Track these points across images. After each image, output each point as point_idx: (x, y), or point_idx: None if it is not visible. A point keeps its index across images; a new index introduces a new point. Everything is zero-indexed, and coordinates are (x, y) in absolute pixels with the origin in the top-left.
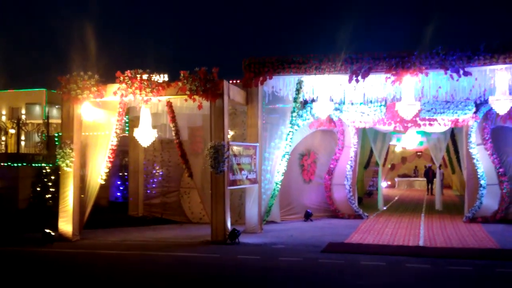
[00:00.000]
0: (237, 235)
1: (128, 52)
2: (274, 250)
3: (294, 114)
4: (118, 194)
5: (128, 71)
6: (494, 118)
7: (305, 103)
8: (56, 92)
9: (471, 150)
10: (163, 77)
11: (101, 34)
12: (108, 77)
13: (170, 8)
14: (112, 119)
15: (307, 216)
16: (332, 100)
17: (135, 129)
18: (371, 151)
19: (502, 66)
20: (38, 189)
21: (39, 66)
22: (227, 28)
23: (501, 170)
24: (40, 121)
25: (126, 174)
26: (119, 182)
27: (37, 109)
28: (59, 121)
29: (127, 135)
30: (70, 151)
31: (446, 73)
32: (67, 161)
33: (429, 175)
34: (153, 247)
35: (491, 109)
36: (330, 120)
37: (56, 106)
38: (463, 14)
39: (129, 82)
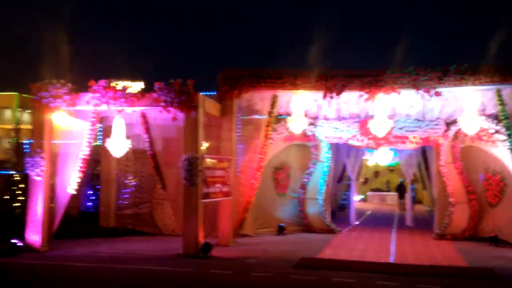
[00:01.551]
0: (210, 249)
1: (104, 60)
2: (246, 265)
3: (269, 128)
4: (89, 204)
5: (102, 80)
6: (463, 137)
7: (280, 117)
8: (27, 97)
9: (441, 168)
10: (139, 85)
11: (77, 41)
12: (82, 85)
13: (148, 17)
14: (85, 128)
15: (280, 230)
16: (307, 115)
17: (108, 139)
18: (345, 165)
19: (472, 88)
20: (6, 197)
21: (11, 70)
22: (204, 39)
23: (470, 188)
24: (11, 126)
25: (98, 183)
26: (90, 192)
27: (8, 113)
28: (30, 126)
29: (99, 144)
30: (40, 159)
31: (417, 93)
32: (37, 170)
33: (401, 190)
34: (123, 260)
35: (461, 128)
36: (304, 134)
37: (28, 111)
38: (436, 34)
39: (103, 91)
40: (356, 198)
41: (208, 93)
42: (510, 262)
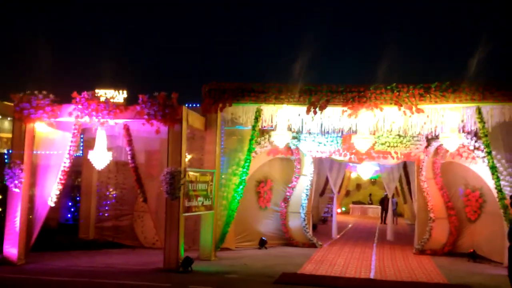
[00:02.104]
0: (190, 263)
1: (88, 68)
2: (227, 280)
3: (253, 142)
4: (69, 215)
5: (85, 92)
6: (444, 153)
7: (263, 131)
8: (7, 104)
9: (422, 184)
10: (122, 94)
11: (60, 50)
12: (64, 96)
13: (133, 27)
14: (66, 139)
15: (262, 244)
16: (291, 129)
17: (90, 151)
18: (327, 178)
19: (453, 106)
20: None
21: None
22: (188, 51)
23: (449, 204)
24: None
25: (78, 195)
26: (70, 203)
27: None
28: (10, 135)
29: (81, 155)
30: (20, 171)
31: (399, 109)
32: (16, 182)
33: (385, 203)
34: (102, 274)
35: (441, 144)
36: (288, 148)
37: (8, 118)
38: (418, 50)
39: (86, 103)
40: (338, 210)
41: (191, 105)
42: (488, 278)
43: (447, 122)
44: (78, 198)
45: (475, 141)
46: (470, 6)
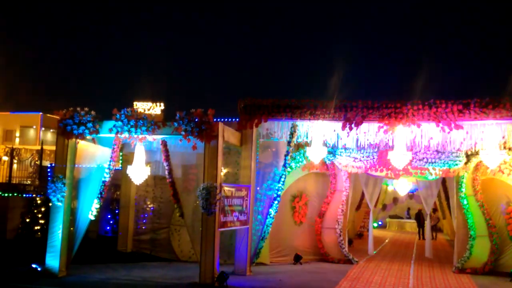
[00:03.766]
0: (226, 279)
1: (126, 82)
2: None
3: (288, 157)
4: (108, 228)
5: (125, 108)
6: (484, 170)
7: (299, 146)
8: (51, 117)
9: (461, 200)
10: (160, 106)
11: (102, 64)
12: (105, 109)
13: (171, 42)
14: (106, 154)
15: (297, 259)
16: (326, 145)
17: (129, 166)
18: (363, 192)
19: (493, 122)
20: (28, 220)
21: (35, 89)
22: (224, 64)
23: (491, 221)
24: (34, 147)
25: (117, 208)
26: (109, 216)
27: (32, 132)
28: (53, 147)
29: (120, 169)
30: (62, 185)
31: (438, 125)
32: (58, 196)
33: (420, 218)
34: None
35: (482, 161)
36: (323, 163)
37: (51, 130)
38: (458, 65)
39: (125, 119)
40: (374, 225)
41: (226, 119)
42: None
43: (487, 138)
44: (117, 211)
45: None
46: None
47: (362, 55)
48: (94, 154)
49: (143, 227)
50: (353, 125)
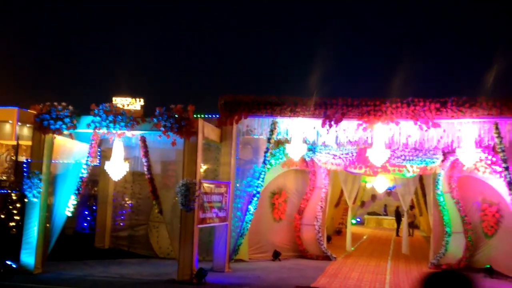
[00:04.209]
0: (204, 275)
1: (106, 77)
2: None
3: (268, 154)
4: (85, 224)
5: (103, 104)
6: (460, 168)
7: (279, 142)
8: (28, 111)
9: (438, 198)
10: (139, 101)
11: (79, 59)
12: (83, 104)
13: (150, 37)
14: (84, 149)
15: (276, 256)
16: (306, 142)
17: (107, 162)
18: (342, 189)
19: (469, 120)
20: (2, 216)
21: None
22: (204, 61)
23: (466, 218)
24: (10, 142)
25: (94, 204)
26: (86, 212)
27: (8, 127)
28: (29, 142)
29: (97, 165)
30: (38, 181)
31: (416, 123)
32: (34, 192)
33: (399, 215)
34: (117, 285)
35: (458, 159)
36: (302, 160)
37: (28, 125)
38: (435, 64)
39: (103, 115)
40: (353, 221)
41: (206, 116)
42: None
43: (464, 136)
44: (94, 207)
45: (492, 156)
46: (490, 20)
47: (343, 53)
48: (71, 149)
49: (121, 224)
50: (332, 123)
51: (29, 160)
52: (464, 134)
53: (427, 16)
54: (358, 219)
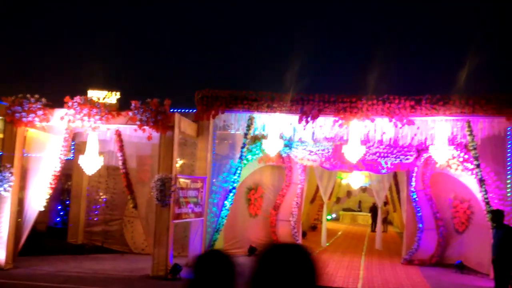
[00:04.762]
0: (179, 271)
1: (81, 69)
2: None
3: (244, 149)
4: (58, 219)
5: (78, 96)
6: (433, 165)
7: (255, 138)
8: None
9: (411, 194)
10: (115, 95)
11: (53, 51)
12: (57, 98)
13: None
14: (57, 143)
15: (251, 251)
16: (282, 138)
17: (81, 156)
18: (318, 185)
19: (443, 118)
20: None
21: None
22: (181, 55)
23: (438, 215)
24: None
25: (67, 198)
26: (59, 207)
27: None
28: (0, 135)
29: (71, 159)
30: (10, 175)
31: (390, 121)
32: (5, 186)
33: (375, 211)
34: (90, 280)
35: (431, 156)
36: (279, 156)
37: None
38: (410, 62)
39: (78, 108)
40: (328, 217)
41: (183, 110)
42: None
43: (437, 134)
44: (67, 202)
45: (465, 153)
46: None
47: (320, 49)
48: (44, 143)
49: (95, 219)
50: (309, 119)
51: (0, 153)
52: (437, 131)
53: (402, 14)
54: (334, 215)
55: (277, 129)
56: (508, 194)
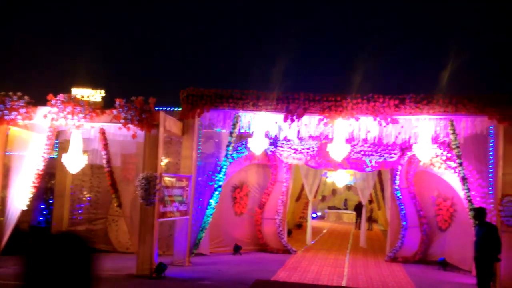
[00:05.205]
0: (164, 269)
1: (66, 68)
2: (200, 287)
3: (230, 148)
4: (41, 218)
5: (61, 94)
6: (417, 163)
7: (241, 136)
8: None
9: (395, 192)
10: (100, 93)
11: (39, 50)
12: (41, 96)
13: (113, 28)
14: (40, 141)
15: (237, 250)
16: (268, 136)
17: (64, 154)
18: (303, 184)
19: (426, 117)
20: None
21: None
22: (167, 53)
23: (422, 212)
24: None
25: (51, 197)
26: (43, 206)
27: None
28: None
29: (55, 157)
30: None
31: (375, 119)
32: None
33: (359, 209)
34: None
35: (415, 154)
36: (264, 154)
37: None
38: (396, 61)
39: (61, 106)
40: (313, 216)
41: (168, 109)
42: (457, 287)
43: (421, 132)
44: (51, 201)
45: (448, 152)
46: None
47: (305, 49)
48: (27, 141)
49: (79, 218)
50: (294, 117)
51: None
52: (421, 130)
53: (388, 13)
54: (319, 213)
55: (263, 127)
56: (490, 192)
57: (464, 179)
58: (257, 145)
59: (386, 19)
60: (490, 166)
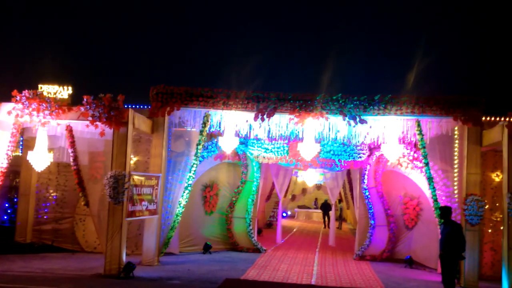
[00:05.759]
0: (132, 269)
1: (31, 63)
2: (169, 286)
3: (200, 146)
4: (5, 217)
5: (26, 90)
6: (385, 163)
7: (211, 135)
8: None
9: (363, 191)
10: (67, 90)
11: (2, 44)
12: (4, 93)
13: (81, 23)
14: (4, 138)
15: (207, 249)
16: (238, 135)
17: (30, 152)
18: (274, 183)
19: (394, 117)
20: None
21: None
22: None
23: (389, 211)
24: None
25: (15, 196)
26: (7, 205)
27: None
28: None
29: (20, 155)
30: None
31: (344, 119)
32: None
33: (327, 208)
34: (39, 280)
35: (383, 154)
36: (235, 153)
37: None
38: (364, 61)
39: (26, 102)
40: (283, 215)
41: (138, 106)
42: (423, 284)
43: (389, 133)
44: (15, 200)
45: (414, 152)
46: (416, 19)
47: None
48: None
49: (45, 217)
50: (265, 116)
51: None
52: (389, 130)
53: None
54: (289, 213)
55: (233, 126)
56: (455, 192)
57: (430, 179)
58: (228, 144)
59: (357, 20)
60: (455, 166)
